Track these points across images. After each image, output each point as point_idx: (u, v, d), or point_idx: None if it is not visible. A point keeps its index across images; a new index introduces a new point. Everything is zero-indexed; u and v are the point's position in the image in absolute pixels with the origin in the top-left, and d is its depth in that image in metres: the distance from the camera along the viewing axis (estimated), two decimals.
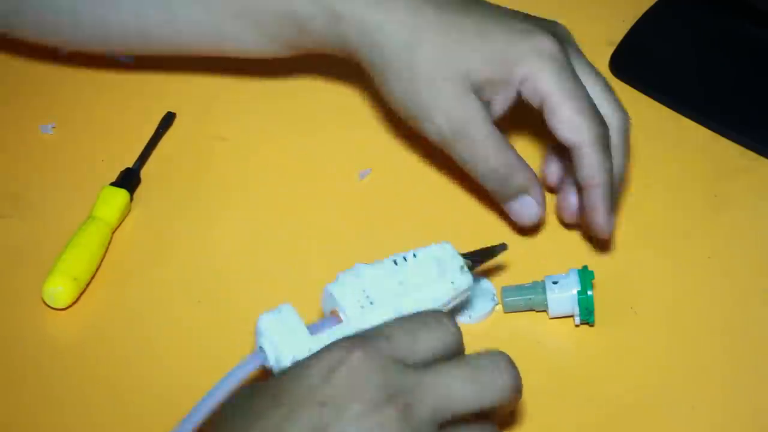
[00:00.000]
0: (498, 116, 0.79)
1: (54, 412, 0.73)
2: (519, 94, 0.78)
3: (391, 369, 0.62)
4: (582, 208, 0.79)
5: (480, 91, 0.78)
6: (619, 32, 0.96)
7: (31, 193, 0.84)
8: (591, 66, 0.80)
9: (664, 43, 0.96)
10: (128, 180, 0.84)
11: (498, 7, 0.80)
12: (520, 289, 0.78)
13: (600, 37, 0.96)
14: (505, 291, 0.78)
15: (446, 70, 0.77)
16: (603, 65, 0.94)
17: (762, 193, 0.87)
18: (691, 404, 0.74)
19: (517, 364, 0.76)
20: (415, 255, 0.70)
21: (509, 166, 0.78)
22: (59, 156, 0.86)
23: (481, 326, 0.78)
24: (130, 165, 0.85)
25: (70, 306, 0.78)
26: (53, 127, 0.87)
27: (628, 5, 0.98)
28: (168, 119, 0.88)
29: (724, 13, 0.96)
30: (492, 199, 0.82)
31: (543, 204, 0.80)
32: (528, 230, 0.82)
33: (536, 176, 0.79)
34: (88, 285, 0.79)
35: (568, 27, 0.97)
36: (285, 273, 0.81)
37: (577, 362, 0.77)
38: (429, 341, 0.65)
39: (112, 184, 0.83)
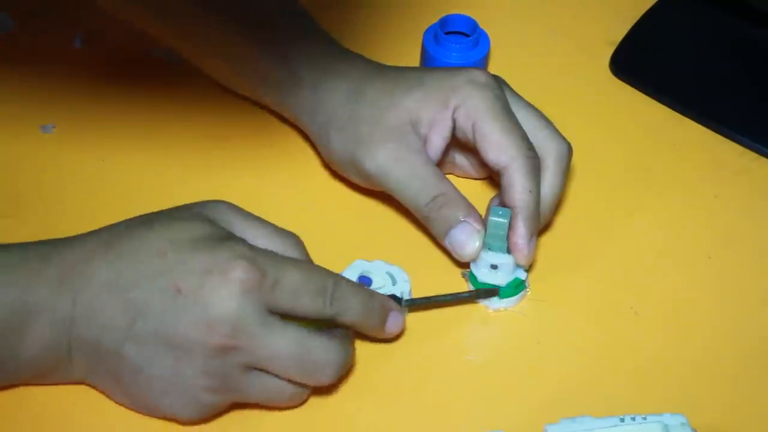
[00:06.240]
0: (438, 152, 0.80)
1: (54, 411, 0.73)
2: (454, 124, 0.79)
3: (249, 311, 0.67)
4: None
5: (418, 127, 0.80)
6: (619, 32, 0.96)
7: (31, 193, 0.84)
8: (525, 101, 0.81)
9: (664, 43, 0.96)
10: None
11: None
12: None
13: (600, 37, 0.96)
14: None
15: (386, 106, 0.79)
16: (603, 65, 0.94)
17: (762, 193, 0.87)
18: (692, 405, 0.74)
19: (518, 363, 0.76)
20: (644, 418, 0.70)
21: (445, 196, 0.78)
22: (59, 156, 0.86)
23: (482, 327, 0.78)
24: None
25: None
26: (53, 127, 0.87)
27: (628, 5, 0.98)
28: None
29: (724, 13, 0.96)
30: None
31: (481, 232, 0.78)
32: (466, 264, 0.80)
33: (473, 207, 0.78)
34: None
35: (568, 27, 0.97)
36: None
37: (577, 362, 0.77)
38: (307, 309, 0.69)
39: None
